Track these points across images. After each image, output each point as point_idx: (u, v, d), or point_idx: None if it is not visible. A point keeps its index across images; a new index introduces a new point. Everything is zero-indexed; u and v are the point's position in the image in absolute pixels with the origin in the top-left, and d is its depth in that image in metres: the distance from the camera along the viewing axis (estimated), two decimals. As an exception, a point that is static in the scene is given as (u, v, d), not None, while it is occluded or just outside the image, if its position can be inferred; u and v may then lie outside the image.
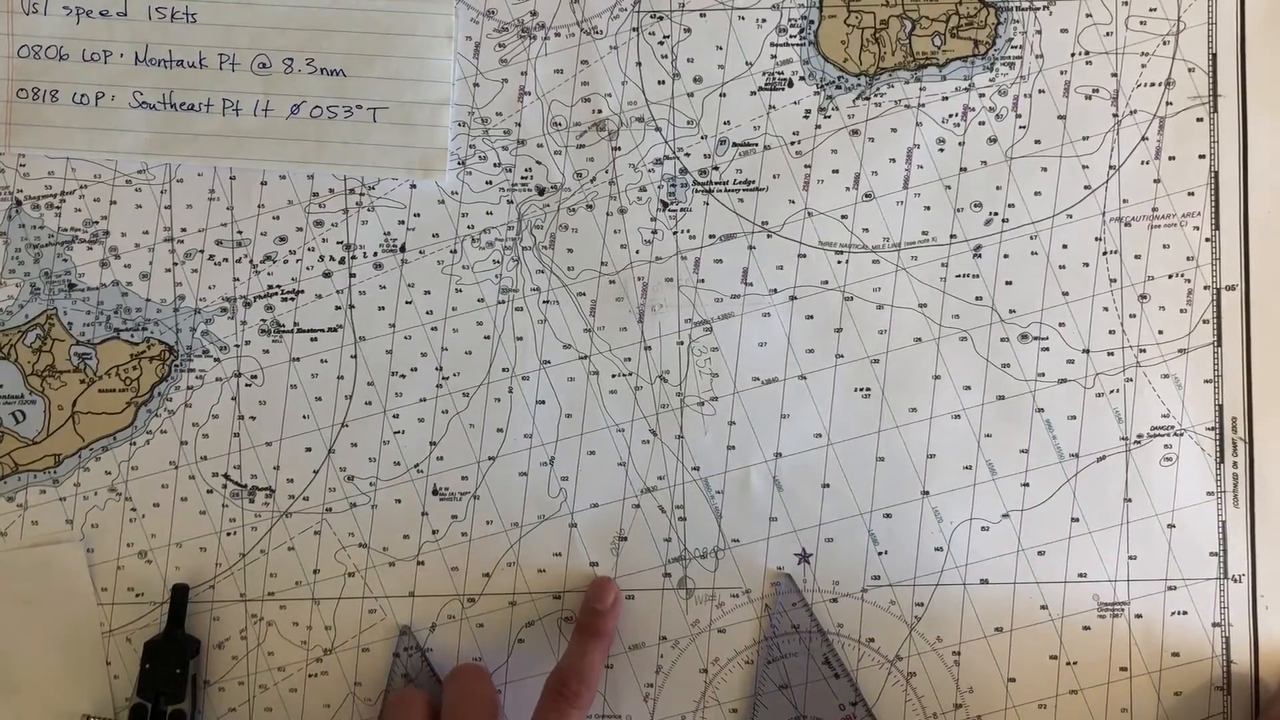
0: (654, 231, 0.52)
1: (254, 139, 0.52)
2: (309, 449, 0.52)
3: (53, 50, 0.51)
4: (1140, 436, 0.51)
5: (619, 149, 0.52)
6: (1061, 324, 0.51)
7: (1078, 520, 0.51)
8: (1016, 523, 0.51)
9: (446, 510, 0.52)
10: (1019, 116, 0.52)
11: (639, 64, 0.52)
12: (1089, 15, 0.52)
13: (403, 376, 0.52)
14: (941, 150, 0.52)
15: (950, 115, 0.52)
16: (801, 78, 0.52)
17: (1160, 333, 0.51)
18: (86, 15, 0.51)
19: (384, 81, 0.51)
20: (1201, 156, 0.52)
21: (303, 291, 0.52)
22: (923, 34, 0.52)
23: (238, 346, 0.52)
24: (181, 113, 0.51)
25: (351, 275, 0.52)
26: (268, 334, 0.52)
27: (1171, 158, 0.52)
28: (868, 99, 0.52)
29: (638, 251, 0.52)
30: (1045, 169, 0.52)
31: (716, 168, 0.52)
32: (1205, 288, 0.51)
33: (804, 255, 0.52)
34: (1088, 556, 0.51)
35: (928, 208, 0.52)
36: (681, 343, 0.52)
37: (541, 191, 0.52)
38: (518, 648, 0.51)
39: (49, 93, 0.51)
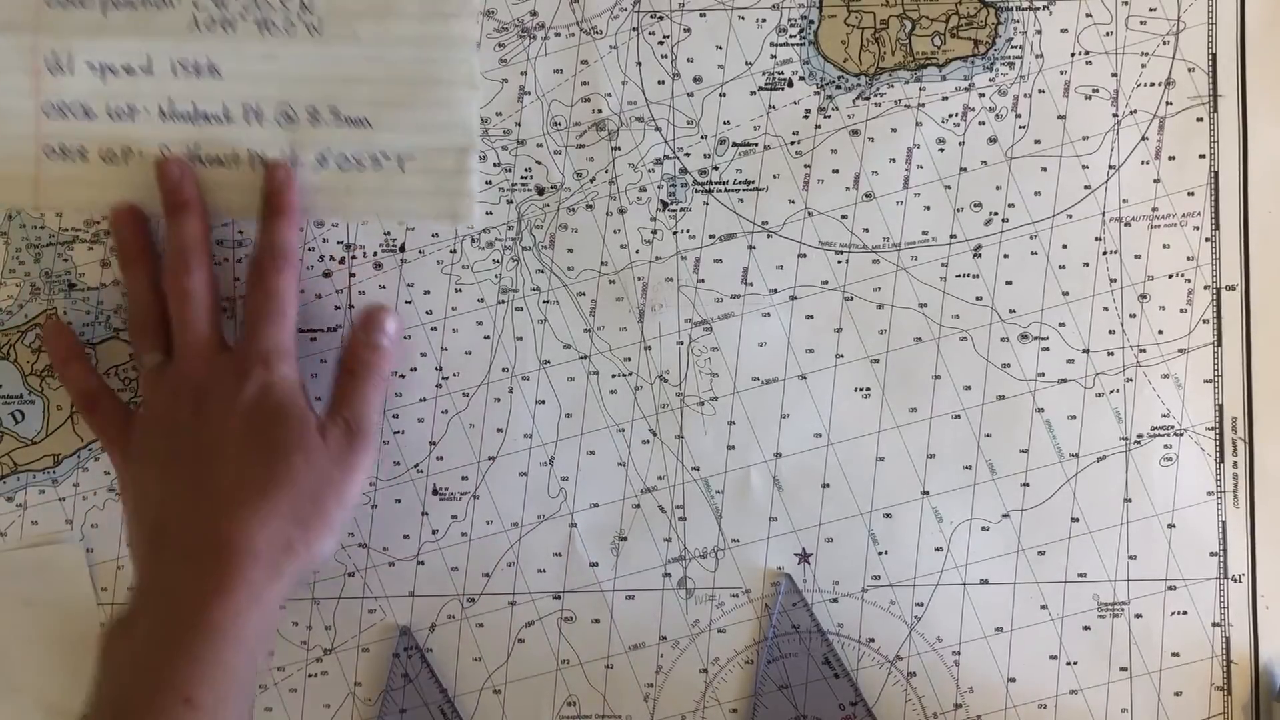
0: (654, 231, 0.52)
1: None
2: (309, 449, 0.52)
3: (79, 109, 0.51)
4: (1140, 436, 0.51)
5: (619, 149, 0.52)
6: (1061, 324, 0.51)
7: (1078, 520, 0.51)
8: (1016, 523, 0.51)
9: (446, 510, 0.52)
10: (1019, 116, 0.52)
11: (639, 64, 0.52)
12: (1089, 15, 0.52)
13: (402, 376, 0.52)
14: (941, 150, 0.52)
15: (950, 115, 0.52)
16: (801, 78, 0.52)
17: (1160, 333, 0.51)
18: (112, 73, 0.51)
19: (410, 129, 0.51)
20: (1201, 156, 0.52)
21: (303, 291, 0.52)
22: (923, 34, 0.52)
23: (237, 346, 0.52)
24: (210, 167, 0.51)
25: (351, 275, 0.52)
26: (267, 334, 0.52)
27: (1171, 158, 0.52)
28: (868, 99, 0.52)
29: (638, 251, 0.52)
30: (1045, 169, 0.52)
31: (716, 168, 0.52)
32: (1205, 288, 0.51)
33: (804, 255, 0.52)
34: (1088, 556, 0.51)
35: (928, 208, 0.52)
36: (681, 343, 0.52)
37: (541, 191, 0.52)
38: (518, 648, 0.51)
39: (77, 151, 0.51)
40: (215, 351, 0.48)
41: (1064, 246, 0.51)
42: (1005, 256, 0.51)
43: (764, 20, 0.52)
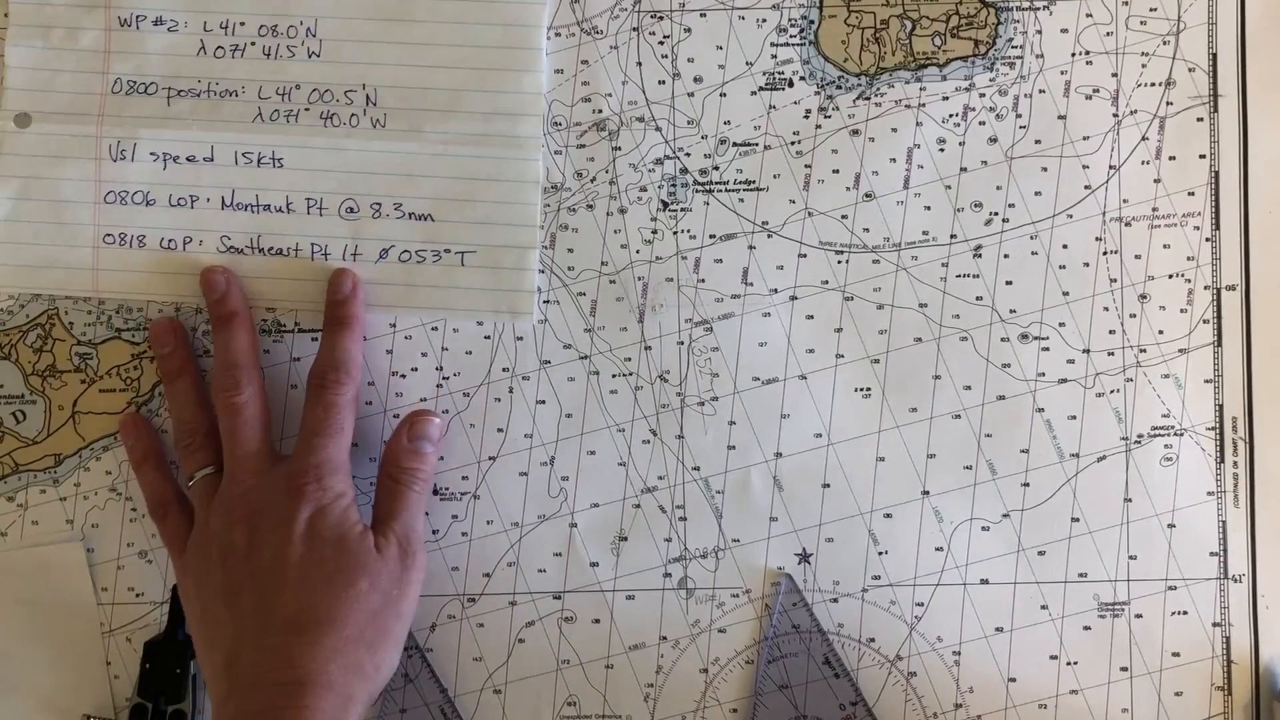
0: (654, 231, 0.52)
1: None
2: (309, 449, 0.52)
3: (139, 196, 0.51)
4: (1140, 436, 0.51)
5: (619, 149, 0.52)
6: (1061, 324, 0.51)
7: (1078, 520, 0.51)
8: (1016, 523, 0.51)
9: (446, 510, 0.52)
10: (1019, 116, 0.52)
11: (639, 64, 0.52)
12: (1089, 15, 0.52)
13: (403, 376, 0.52)
14: (942, 150, 0.52)
15: (950, 115, 0.52)
16: (802, 78, 0.52)
17: (1160, 333, 0.51)
18: (173, 161, 0.51)
19: (472, 225, 0.51)
20: (1202, 156, 0.52)
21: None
22: (923, 34, 0.52)
23: (238, 346, 0.52)
24: (269, 257, 0.51)
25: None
26: (268, 334, 0.52)
27: (1172, 158, 0.52)
28: (868, 99, 0.52)
29: (638, 251, 0.52)
30: (1045, 169, 0.52)
31: (717, 168, 0.52)
32: (1205, 288, 0.51)
33: (804, 255, 0.52)
34: (1088, 556, 0.51)
35: (928, 208, 0.52)
36: (682, 343, 0.52)
37: (542, 191, 0.52)
38: (518, 648, 0.51)
39: (136, 238, 0.51)
40: (266, 465, 0.47)
41: (1064, 246, 0.51)
42: (1005, 256, 0.51)
43: (764, 20, 0.52)
